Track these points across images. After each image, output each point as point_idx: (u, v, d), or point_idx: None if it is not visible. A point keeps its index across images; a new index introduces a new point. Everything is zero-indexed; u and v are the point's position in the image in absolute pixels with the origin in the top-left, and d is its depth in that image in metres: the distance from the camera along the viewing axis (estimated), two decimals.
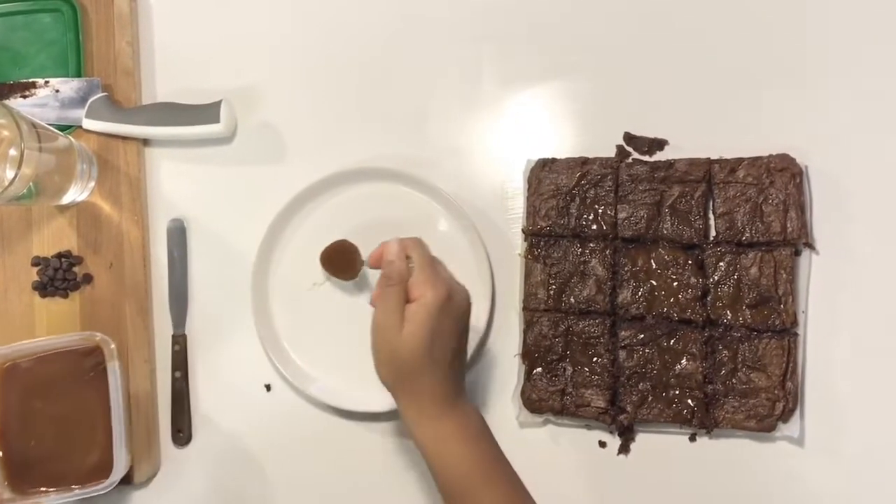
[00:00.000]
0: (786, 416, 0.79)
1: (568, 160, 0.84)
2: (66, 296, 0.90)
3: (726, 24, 0.85)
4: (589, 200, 0.83)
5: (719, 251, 0.81)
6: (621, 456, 0.83)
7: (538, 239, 0.84)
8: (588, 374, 0.82)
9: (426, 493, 0.86)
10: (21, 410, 0.85)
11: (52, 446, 0.85)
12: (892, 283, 0.81)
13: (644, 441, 0.83)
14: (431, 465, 0.71)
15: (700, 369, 0.80)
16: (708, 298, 0.81)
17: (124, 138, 0.90)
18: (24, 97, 0.91)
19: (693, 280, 0.81)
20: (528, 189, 0.85)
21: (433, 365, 0.69)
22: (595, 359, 0.82)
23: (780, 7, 0.85)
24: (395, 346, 0.69)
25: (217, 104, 0.88)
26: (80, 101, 0.90)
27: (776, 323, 0.79)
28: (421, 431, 0.71)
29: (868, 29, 0.83)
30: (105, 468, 0.84)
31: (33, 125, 0.80)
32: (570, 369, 0.83)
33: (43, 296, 0.90)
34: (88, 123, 0.89)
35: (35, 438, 0.85)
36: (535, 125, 0.88)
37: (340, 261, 0.84)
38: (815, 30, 0.84)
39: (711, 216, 0.82)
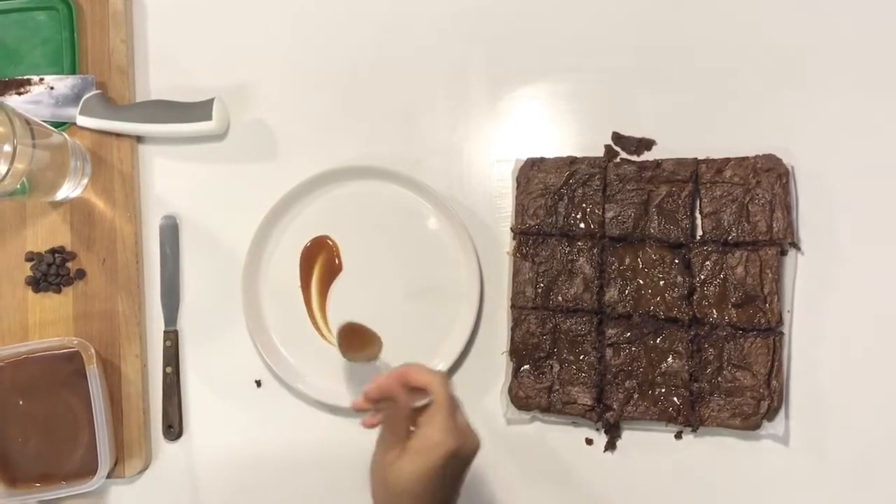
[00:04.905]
0: (771, 414, 0.80)
1: (556, 160, 0.85)
2: (59, 291, 0.90)
3: (714, 26, 0.86)
4: (577, 199, 0.84)
5: (706, 250, 0.82)
6: (608, 453, 0.84)
7: (526, 237, 0.85)
8: (575, 371, 0.83)
9: None
10: (4, 410, 0.86)
11: (37, 445, 0.86)
12: (876, 282, 0.81)
13: (630, 438, 0.84)
14: None
15: (686, 367, 0.81)
16: (694, 297, 0.82)
17: (118, 135, 0.91)
18: (19, 94, 0.91)
19: (679, 279, 0.82)
20: (517, 188, 0.86)
21: None
22: (582, 356, 0.83)
23: (767, 10, 0.85)
24: (389, 476, 0.65)
25: (209, 102, 0.88)
26: (74, 98, 0.91)
27: (761, 322, 0.80)
28: None
29: (855, 31, 0.84)
30: (92, 466, 0.85)
31: (27, 122, 0.81)
32: (557, 367, 0.83)
33: (36, 291, 0.91)
34: (82, 120, 0.90)
35: (21, 437, 0.87)
36: (525, 125, 0.89)
37: (357, 341, 0.82)
38: (803, 32, 0.85)
39: (698, 216, 0.83)
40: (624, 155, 0.86)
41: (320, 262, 0.89)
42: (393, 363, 0.87)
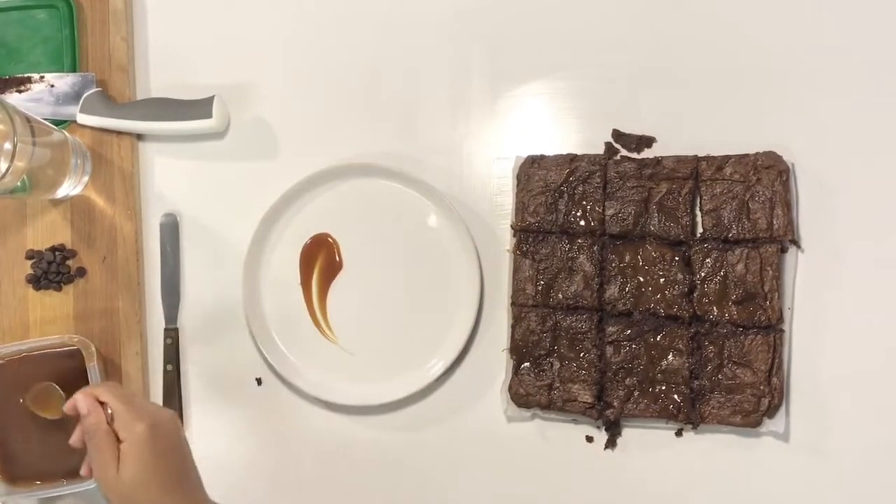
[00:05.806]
0: (771, 411, 0.80)
1: (557, 157, 0.85)
2: (59, 289, 0.90)
3: (714, 24, 0.86)
4: (577, 197, 0.84)
5: (706, 248, 0.82)
6: (608, 451, 0.84)
7: (527, 235, 0.85)
8: (575, 369, 0.83)
9: (413, 485, 0.87)
10: (5, 407, 0.86)
11: (37, 443, 0.86)
12: (876, 280, 0.81)
13: (631, 436, 0.84)
14: None
15: (686, 365, 0.81)
16: (694, 295, 0.82)
17: (118, 133, 0.91)
18: (20, 92, 0.91)
19: (680, 276, 0.82)
20: (517, 185, 0.86)
21: (163, 492, 0.69)
22: (582, 354, 0.83)
23: (767, 7, 0.85)
24: (122, 490, 0.69)
25: (210, 100, 0.88)
26: (74, 96, 0.91)
27: (762, 319, 0.80)
28: None
29: (855, 28, 0.84)
30: None
31: (27, 119, 0.81)
32: (557, 364, 0.83)
33: (37, 289, 0.91)
34: (83, 118, 0.90)
35: (21, 434, 0.86)
36: (525, 122, 0.89)
37: (43, 400, 0.84)
38: (803, 29, 0.85)
39: (698, 213, 0.83)
40: (624, 152, 0.86)
41: (321, 259, 0.89)
42: (392, 360, 0.87)
